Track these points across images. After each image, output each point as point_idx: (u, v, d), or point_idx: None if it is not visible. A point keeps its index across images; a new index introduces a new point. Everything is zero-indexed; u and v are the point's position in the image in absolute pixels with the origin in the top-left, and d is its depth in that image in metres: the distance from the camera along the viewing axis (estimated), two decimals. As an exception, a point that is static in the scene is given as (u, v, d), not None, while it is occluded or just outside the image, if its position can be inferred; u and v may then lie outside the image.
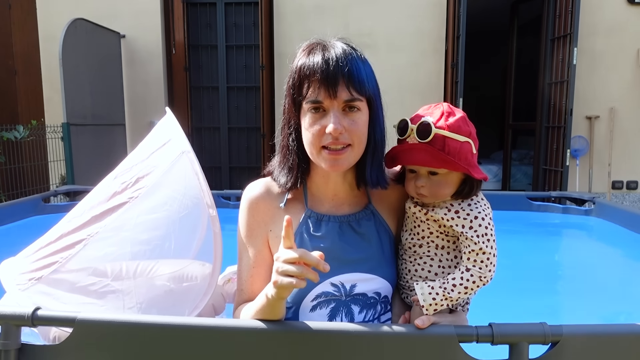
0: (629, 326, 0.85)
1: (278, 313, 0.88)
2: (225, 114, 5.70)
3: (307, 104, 0.93)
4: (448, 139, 0.91)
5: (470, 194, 0.96)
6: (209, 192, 1.09)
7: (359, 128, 0.93)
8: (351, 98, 0.91)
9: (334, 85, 0.90)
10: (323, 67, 0.90)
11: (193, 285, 1.08)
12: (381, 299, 1.02)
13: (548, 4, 5.06)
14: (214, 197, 1.12)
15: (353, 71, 0.91)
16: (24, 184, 4.57)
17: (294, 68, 0.95)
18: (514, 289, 2.17)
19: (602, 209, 2.70)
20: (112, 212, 1.08)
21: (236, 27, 5.57)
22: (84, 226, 1.08)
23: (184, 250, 1.12)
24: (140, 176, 1.12)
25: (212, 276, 1.07)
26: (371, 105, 0.96)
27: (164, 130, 1.21)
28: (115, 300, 1.02)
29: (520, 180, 6.37)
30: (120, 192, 1.11)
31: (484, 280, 0.92)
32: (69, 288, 1.02)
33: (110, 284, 1.03)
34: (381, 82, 1.02)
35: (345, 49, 0.93)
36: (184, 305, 1.05)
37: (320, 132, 0.92)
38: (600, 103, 5.20)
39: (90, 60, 4.84)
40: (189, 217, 1.10)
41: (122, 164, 1.18)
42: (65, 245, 1.06)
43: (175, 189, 1.12)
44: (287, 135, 1.00)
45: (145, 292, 1.04)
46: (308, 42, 0.97)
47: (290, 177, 1.01)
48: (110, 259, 1.05)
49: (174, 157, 1.13)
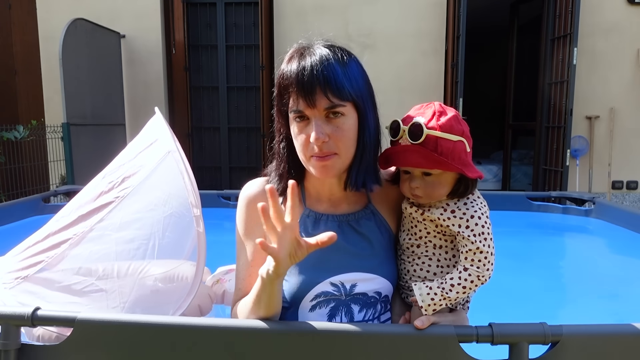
0: (629, 326, 0.85)
1: (274, 298, 0.88)
2: (225, 114, 5.70)
3: (292, 114, 0.93)
4: (440, 139, 0.90)
5: (466, 193, 0.95)
6: (194, 191, 1.09)
7: (344, 134, 0.92)
8: (330, 105, 0.89)
9: (311, 94, 0.88)
10: (298, 77, 0.89)
11: (178, 285, 1.07)
12: (382, 299, 1.01)
13: (548, 4, 5.06)
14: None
15: (330, 77, 0.88)
16: (24, 184, 4.57)
17: (277, 78, 0.95)
18: (513, 289, 2.17)
19: (602, 209, 2.70)
20: (98, 211, 1.09)
21: (236, 27, 5.57)
22: (70, 225, 1.08)
23: (174, 250, 1.11)
24: (126, 176, 1.13)
25: (195, 276, 1.06)
26: (358, 108, 0.94)
27: (151, 130, 1.21)
28: (99, 300, 1.02)
29: (520, 180, 6.38)
30: (107, 192, 1.11)
31: (482, 280, 0.92)
32: (54, 287, 1.03)
33: (94, 283, 1.03)
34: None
35: (324, 54, 0.90)
36: (168, 306, 1.04)
37: (306, 142, 0.92)
38: (600, 103, 5.20)
39: (90, 60, 4.84)
40: (174, 217, 1.09)
41: (111, 164, 1.19)
42: (52, 245, 1.07)
43: (160, 188, 1.12)
44: (278, 142, 1.01)
45: (129, 291, 1.04)
46: (293, 48, 0.96)
47: (281, 183, 1.01)
48: (95, 259, 1.06)
49: (159, 157, 1.14)
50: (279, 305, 0.92)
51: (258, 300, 0.89)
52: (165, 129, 1.17)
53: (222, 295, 1.47)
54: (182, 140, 5.69)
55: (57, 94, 4.91)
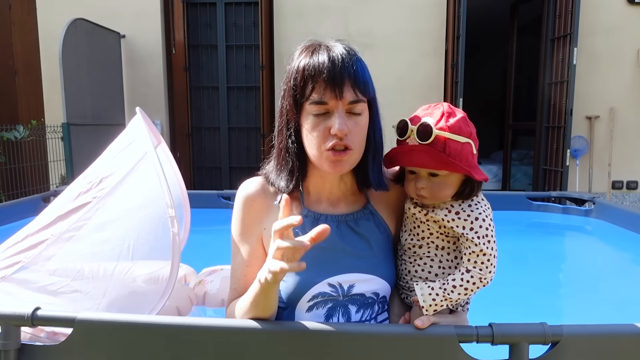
0: (629, 326, 0.85)
1: (271, 300, 0.87)
2: (225, 114, 5.70)
3: (311, 105, 0.91)
4: (449, 141, 0.90)
5: (471, 194, 0.95)
6: (169, 192, 1.08)
7: (361, 130, 0.93)
8: (356, 99, 0.90)
9: (340, 85, 0.89)
10: (329, 67, 0.89)
11: (154, 287, 1.07)
12: (379, 299, 1.01)
13: (548, 4, 5.06)
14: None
15: (359, 72, 0.91)
16: (24, 184, 4.56)
17: (296, 68, 0.93)
18: (514, 289, 2.17)
19: (602, 209, 2.70)
20: (75, 212, 1.09)
21: (236, 27, 5.57)
22: (48, 226, 1.09)
23: (150, 251, 1.10)
24: (104, 176, 1.13)
25: (169, 278, 1.06)
26: (371, 107, 0.96)
27: (131, 130, 1.21)
28: (74, 301, 1.02)
29: (520, 180, 6.38)
30: (85, 192, 1.11)
31: (484, 282, 0.92)
32: (30, 287, 1.03)
33: (70, 284, 1.03)
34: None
35: (349, 49, 0.93)
36: (142, 308, 1.04)
37: (325, 133, 0.91)
38: (600, 103, 5.20)
39: (90, 60, 4.84)
40: (150, 217, 1.09)
41: (92, 164, 1.19)
42: (30, 245, 1.07)
43: (136, 189, 1.11)
44: (287, 137, 0.97)
45: (104, 293, 1.03)
46: (307, 43, 0.96)
47: (290, 179, 0.99)
48: (71, 259, 1.06)
49: (137, 158, 1.13)
50: (275, 307, 0.92)
51: (255, 303, 0.88)
52: (143, 129, 1.16)
53: (203, 296, 1.47)
54: (182, 140, 5.69)
55: (57, 94, 4.91)
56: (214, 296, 1.47)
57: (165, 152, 1.42)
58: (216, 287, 1.48)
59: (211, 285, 1.49)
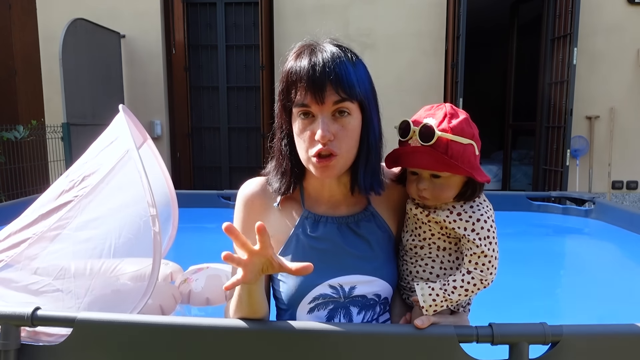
0: (629, 326, 0.85)
1: (255, 300, 0.86)
2: (225, 114, 5.70)
3: (296, 109, 0.91)
4: (451, 142, 0.89)
5: (473, 196, 0.95)
6: (150, 191, 1.07)
7: (348, 134, 0.91)
8: (340, 99, 0.88)
9: (320, 91, 0.87)
10: (309, 73, 0.88)
11: (139, 285, 1.07)
12: (381, 301, 1.01)
13: (548, 4, 5.06)
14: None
15: (341, 75, 0.88)
16: (24, 184, 4.56)
17: (283, 72, 0.93)
18: (514, 289, 2.17)
19: (602, 209, 2.70)
20: (57, 210, 1.09)
21: (236, 27, 5.57)
22: (31, 225, 1.08)
23: (131, 249, 1.10)
24: (86, 175, 1.12)
25: (150, 277, 1.05)
26: (364, 109, 0.94)
27: (114, 128, 1.21)
28: (55, 300, 1.02)
29: (520, 180, 6.38)
30: (67, 191, 1.11)
31: (485, 283, 0.92)
32: (11, 286, 1.03)
33: (51, 283, 1.03)
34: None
35: (334, 52, 0.90)
36: (126, 305, 1.04)
37: (311, 138, 0.90)
38: (600, 103, 5.20)
39: (90, 60, 4.84)
40: (131, 216, 1.08)
41: (75, 163, 1.18)
42: (12, 244, 1.06)
43: (118, 187, 1.11)
44: (280, 140, 0.98)
45: (85, 292, 1.03)
46: (299, 44, 0.95)
47: (284, 182, 0.99)
48: (53, 258, 1.06)
49: (119, 156, 1.13)
50: (264, 308, 0.91)
51: (240, 300, 0.88)
52: (125, 127, 1.16)
53: (188, 294, 1.46)
54: (182, 140, 5.69)
55: (57, 94, 4.91)
56: (199, 294, 1.47)
57: (152, 150, 1.41)
58: (201, 285, 1.48)
59: (196, 284, 1.48)
